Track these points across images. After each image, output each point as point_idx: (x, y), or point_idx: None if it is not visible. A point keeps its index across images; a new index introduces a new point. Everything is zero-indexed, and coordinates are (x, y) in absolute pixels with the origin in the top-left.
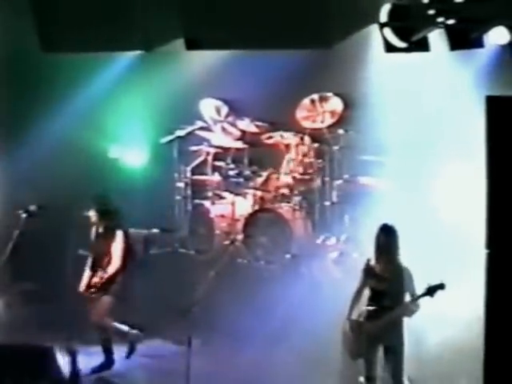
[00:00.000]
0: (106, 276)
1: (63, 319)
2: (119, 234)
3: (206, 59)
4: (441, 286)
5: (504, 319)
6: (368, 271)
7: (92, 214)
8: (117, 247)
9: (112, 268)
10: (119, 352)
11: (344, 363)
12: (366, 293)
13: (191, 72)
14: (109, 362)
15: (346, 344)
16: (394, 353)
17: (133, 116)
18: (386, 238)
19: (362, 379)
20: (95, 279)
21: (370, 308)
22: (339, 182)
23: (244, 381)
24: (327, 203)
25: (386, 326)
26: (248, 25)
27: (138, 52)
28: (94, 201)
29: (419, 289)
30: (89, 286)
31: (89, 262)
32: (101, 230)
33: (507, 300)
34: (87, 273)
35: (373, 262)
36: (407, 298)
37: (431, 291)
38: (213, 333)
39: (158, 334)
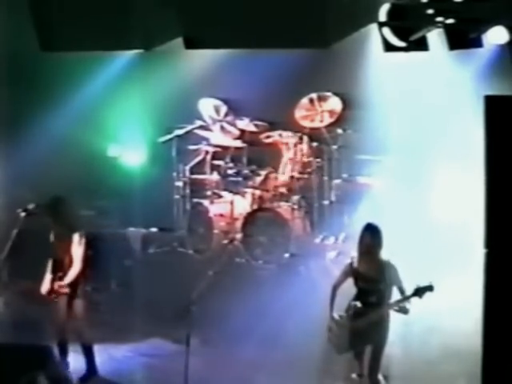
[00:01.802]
0: (65, 282)
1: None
2: (76, 237)
3: (204, 58)
4: (429, 288)
5: (503, 319)
6: (351, 270)
7: (47, 219)
8: (76, 250)
9: (73, 271)
10: (121, 351)
11: (330, 360)
12: (349, 288)
13: (190, 71)
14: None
15: (332, 340)
16: (375, 351)
17: (132, 115)
18: (371, 237)
19: (354, 376)
20: (56, 284)
21: (358, 304)
22: (338, 181)
23: (242, 380)
24: (326, 202)
25: (373, 323)
26: (247, 24)
27: (137, 51)
28: (46, 206)
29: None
30: (51, 290)
31: (49, 265)
32: (56, 233)
33: (506, 299)
34: (48, 276)
35: (357, 261)
36: (395, 292)
37: (419, 292)
38: (211, 332)
39: (157, 333)
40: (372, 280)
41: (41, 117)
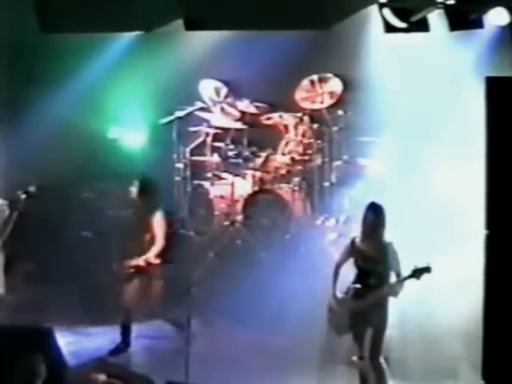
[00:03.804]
0: (150, 259)
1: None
2: (160, 215)
3: (205, 40)
4: (427, 269)
5: (503, 300)
6: (353, 249)
7: (133, 192)
8: (159, 228)
9: (156, 248)
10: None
11: (330, 341)
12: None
13: (190, 53)
14: (125, 344)
15: (333, 320)
16: (376, 332)
17: (132, 97)
18: (374, 216)
19: (354, 358)
20: (138, 261)
21: (357, 286)
22: (338, 162)
23: (242, 361)
24: (326, 184)
25: (372, 305)
26: (247, 5)
27: (137, 33)
28: (136, 179)
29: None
30: (129, 266)
31: (125, 246)
32: (139, 209)
33: (506, 280)
34: (124, 251)
35: (358, 240)
36: (392, 275)
37: (417, 273)
38: (212, 313)
39: (158, 314)
40: (372, 260)
41: (41, 99)
